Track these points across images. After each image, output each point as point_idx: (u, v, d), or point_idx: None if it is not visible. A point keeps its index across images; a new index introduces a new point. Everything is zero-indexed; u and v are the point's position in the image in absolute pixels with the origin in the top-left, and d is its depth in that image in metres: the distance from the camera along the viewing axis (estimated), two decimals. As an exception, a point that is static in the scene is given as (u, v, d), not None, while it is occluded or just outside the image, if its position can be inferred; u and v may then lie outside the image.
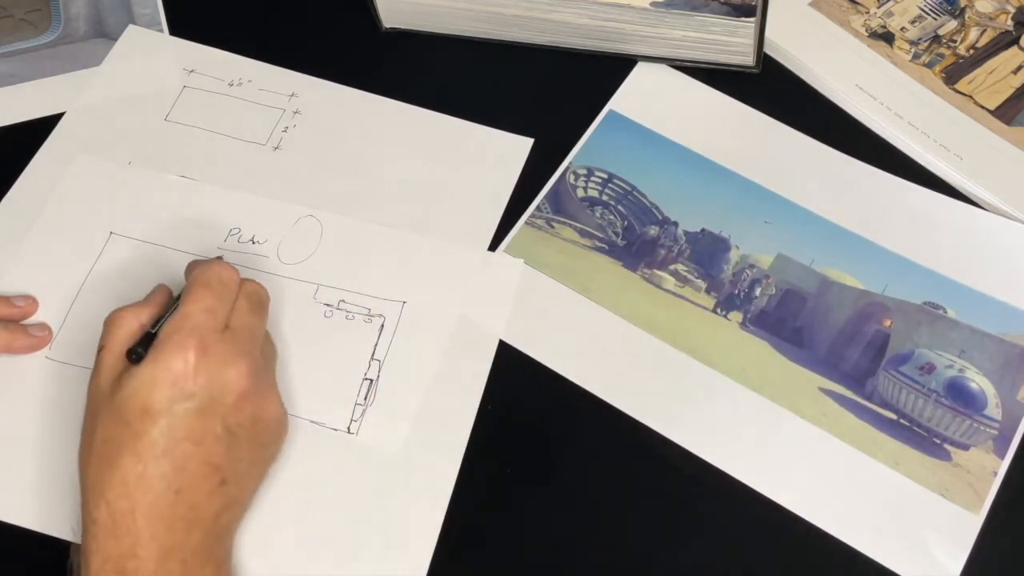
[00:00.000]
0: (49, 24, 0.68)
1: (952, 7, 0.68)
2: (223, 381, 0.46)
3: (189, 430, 0.45)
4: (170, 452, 0.45)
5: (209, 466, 0.46)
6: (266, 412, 0.49)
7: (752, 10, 0.59)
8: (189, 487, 0.45)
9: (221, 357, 0.47)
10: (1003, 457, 0.53)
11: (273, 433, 0.50)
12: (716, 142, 0.63)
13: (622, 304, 0.58)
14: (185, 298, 0.48)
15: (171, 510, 0.45)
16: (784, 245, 0.60)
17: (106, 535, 0.44)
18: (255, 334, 0.50)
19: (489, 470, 0.53)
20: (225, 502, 0.47)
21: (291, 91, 0.65)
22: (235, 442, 0.47)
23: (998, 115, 0.63)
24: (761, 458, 0.53)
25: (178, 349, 0.46)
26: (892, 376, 0.55)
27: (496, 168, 0.62)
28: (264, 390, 0.49)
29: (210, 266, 0.50)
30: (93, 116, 0.64)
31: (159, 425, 0.45)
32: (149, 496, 0.44)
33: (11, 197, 0.61)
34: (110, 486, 0.44)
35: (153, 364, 0.46)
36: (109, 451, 0.45)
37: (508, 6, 0.63)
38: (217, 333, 0.47)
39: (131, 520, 0.44)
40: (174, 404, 0.45)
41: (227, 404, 0.46)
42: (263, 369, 0.50)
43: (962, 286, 0.58)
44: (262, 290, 0.53)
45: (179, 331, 0.46)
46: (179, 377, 0.45)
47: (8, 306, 0.56)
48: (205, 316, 0.47)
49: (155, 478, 0.44)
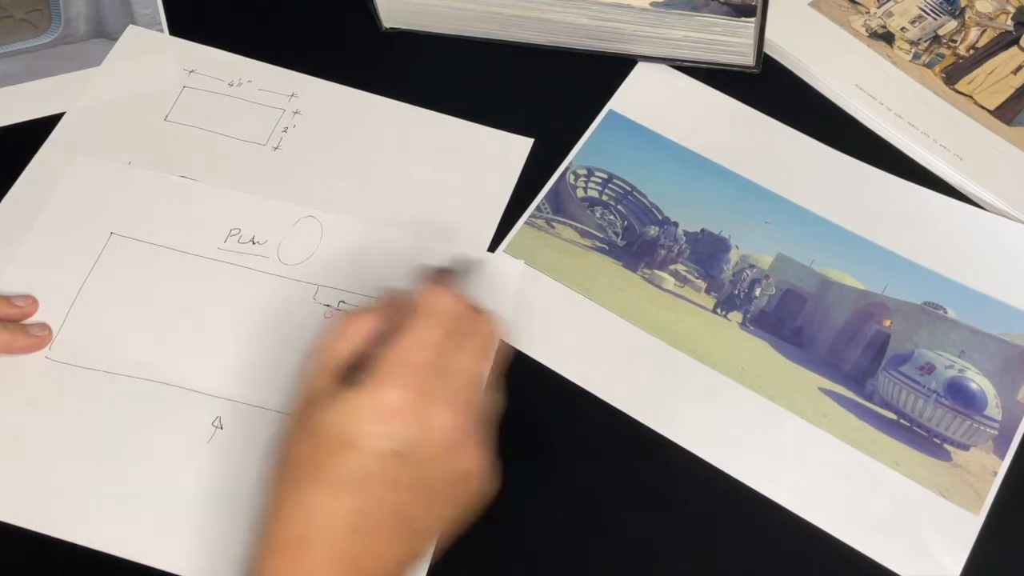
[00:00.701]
0: (49, 24, 0.68)
1: (952, 7, 0.68)
2: (430, 430, 0.43)
3: (385, 472, 0.42)
4: (358, 490, 0.42)
5: (398, 516, 0.42)
6: (467, 468, 0.45)
7: (752, 10, 0.59)
8: (375, 534, 0.42)
9: (434, 402, 0.43)
10: (1003, 457, 0.53)
11: (469, 492, 0.45)
12: (716, 142, 0.63)
13: (622, 304, 0.58)
14: (409, 327, 0.45)
15: (347, 551, 0.41)
16: (784, 245, 0.60)
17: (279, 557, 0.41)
18: (477, 380, 0.46)
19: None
20: (407, 550, 0.44)
21: (291, 91, 0.65)
22: (430, 494, 0.43)
23: (998, 115, 0.63)
24: (761, 458, 0.53)
25: (393, 383, 0.42)
26: (892, 376, 0.55)
27: (496, 168, 0.62)
28: (472, 445, 0.45)
29: (432, 295, 0.46)
30: (93, 116, 0.64)
31: (352, 460, 0.42)
32: (331, 532, 0.41)
33: (11, 197, 0.61)
34: (294, 509, 0.42)
35: (364, 393, 0.42)
36: (299, 473, 0.43)
37: (508, 6, 0.63)
38: (435, 373, 0.43)
39: (309, 550, 0.41)
40: (376, 440, 0.42)
41: (429, 452, 0.43)
42: (477, 421, 0.45)
43: (962, 286, 0.58)
44: (494, 329, 0.48)
45: (395, 364, 0.43)
46: (387, 412, 0.42)
47: (8, 306, 0.56)
48: (426, 351, 0.44)
49: (336, 514, 0.41)
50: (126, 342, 0.56)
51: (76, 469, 0.53)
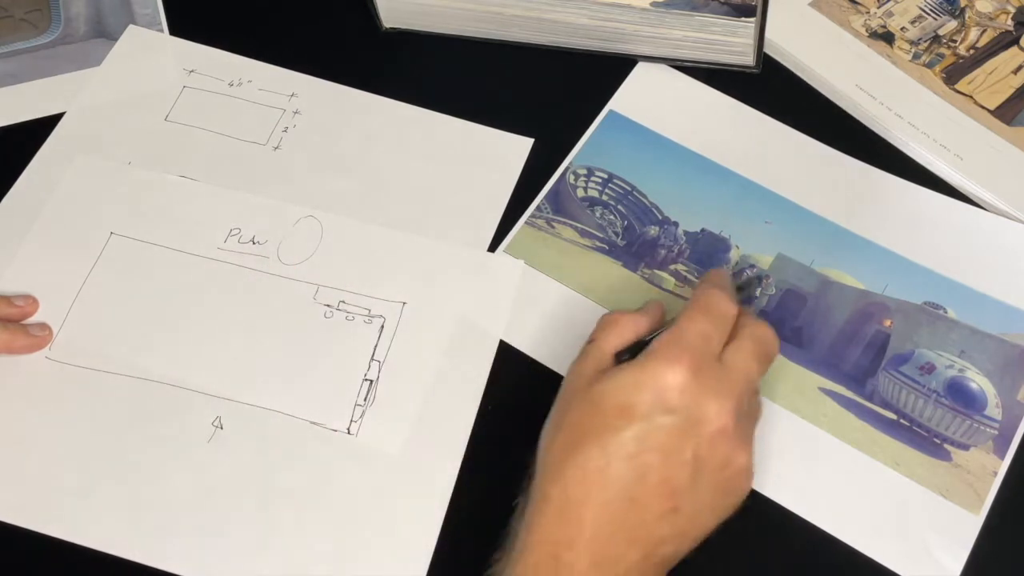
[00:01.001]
0: (49, 24, 0.68)
1: (952, 7, 0.68)
2: (705, 409, 0.44)
3: (660, 442, 0.43)
4: (636, 458, 0.43)
5: (668, 487, 0.43)
6: (737, 461, 0.45)
7: (752, 10, 0.59)
8: (644, 501, 0.43)
9: (710, 385, 0.44)
10: (1003, 457, 0.53)
11: (737, 485, 0.46)
12: (716, 142, 0.63)
13: (622, 304, 0.58)
14: (683, 316, 0.47)
15: (620, 516, 0.43)
16: (784, 245, 0.60)
17: (553, 515, 0.43)
18: (749, 379, 0.47)
19: (489, 470, 0.53)
20: (672, 532, 0.44)
21: (291, 91, 0.65)
22: (699, 475, 0.44)
23: (998, 115, 0.63)
24: (761, 458, 0.53)
25: (670, 362, 0.44)
26: (892, 376, 0.55)
27: (496, 168, 0.62)
28: (742, 439, 0.46)
29: (712, 293, 0.48)
30: (93, 116, 0.64)
31: (634, 427, 0.43)
32: (604, 494, 0.43)
33: (11, 197, 0.61)
34: (571, 468, 0.44)
35: (641, 368, 0.44)
36: (577, 435, 0.44)
37: (508, 6, 0.63)
38: (711, 360, 0.45)
39: (582, 509, 0.43)
40: (654, 412, 0.43)
41: (703, 434, 0.44)
42: (746, 417, 0.46)
43: (962, 286, 0.58)
44: (769, 336, 0.48)
45: (675, 345, 0.45)
46: (665, 389, 0.44)
47: (8, 306, 0.56)
48: (700, 339, 0.45)
49: (615, 477, 0.43)
50: (126, 342, 0.56)
51: (76, 469, 0.53)
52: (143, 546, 0.51)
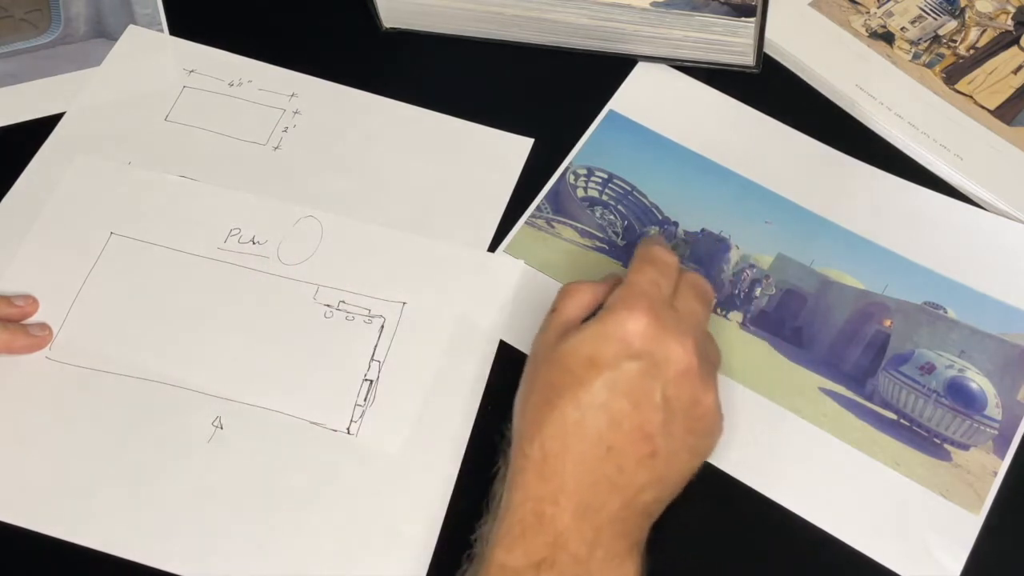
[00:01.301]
0: (49, 24, 0.68)
1: (952, 7, 0.68)
2: (668, 351, 0.45)
3: (630, 388, 0.45)
4: (608, 406, 0.44)
5: (642, 432, 0.45)
6: (705, 399, 0.47)
7: (752, 10, 0.59)
8: (620, 448, 0.45)
9: (668, 327, 0.46)
10: (1003, 457, 0.53)
11: (708, 425, 0.48)
12: (716, 142, 0.63)
13: (622, 304, 0.58)
14: (631, 271, 0.49)
15: (599, 464, 0.44)
16: (784, 245, 0.60)
17: (535, 473, 0.44)
18: (699, 320, 0.49)
19: (489, 470, 0.53)
20: (651, 477, 0.45)
21: (291, 91, 0.65)
22: (671, 417, 0.45)
23: (998, 115, 0.63)
24: (761, 458, 0.53)
25: (629, 310, 0.46)
26: (892, 376, 0.55)
27: (496, 168, 0.62)
28: (706, 378, 0.47)
29: (652, 246, 0.50)
30: (93, 116, 0.64)
31: (603, 377, 0.45)
32: (582, 445, 0.44)
33: (11, 197, 0.61)
34: (548, 425, 0.45)
35: (602, 321, 0.46)
36: (550, 393, 0.46)
37: (508, 6, 0.63)
38: (665, 305, 0.47)
39: (560, 463, 0.44)
40: (620, 360, 0.45)
41: (669, 375, 0.45)
42: (706, 357, 0.48)
43: (962, 286, 0.58)
44: (705, 282, 0.51)
45: (629, 296, 0.47)
46: (628, 335, 0.45)
47: (8, 306, 0.56)
48: (652, 287, 0.47)
49: (590, 427, 0.44)
50: (126, 342, 0.56)
51: (76, 469, 0.53)
52: (143, 546, 0.51)
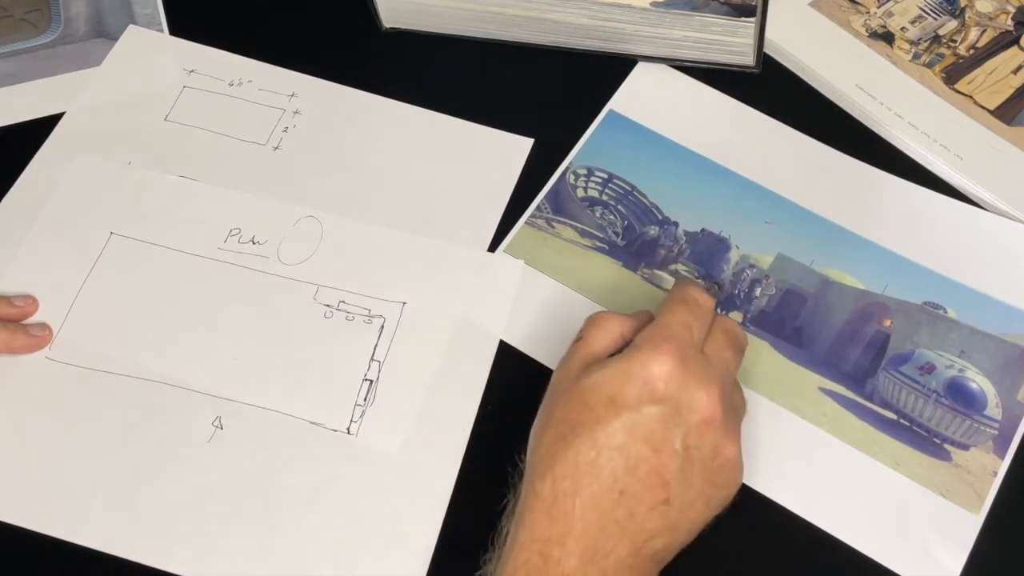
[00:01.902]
0: (49, 24, 0.68)
1: (952, 7, 0.68)
2: (692, 398, 0.44)
3: (649, 433, 0.43)
4: (625, 449, 0.43)
5: (659, 478, 0.43)
6: (726, 450, 0.45)
7: (752, 10, 0.59)
8: (633, 492, 0.43)
9: (695, 373, 0.45)
10: (1003, 457, 0.53)
11: (727, 476, 0.46)
12: (716, 142, 0.63)
13: (622, 304, 0.58)
14: (663, 311, 0.48)
15: (610, 508, 0.43)
16: (784, 245, 0.60)
17: (544, 512, 0.43)
18: (729, 368, 0.48)
19: (489, 470, 0.53)
20: (663, 524, 0.44)
21: (291, 91, 0.65)
22: (689, 465, 0.44)
23: (998, 115, 0.63)
24: (762, 458, 0.53)
25: (656, 351, 0.44)
26: (892, 376, 0.55)
27: (496, 168, 0.62)
28: (729, 427, 0.46)
29: (688, 286, 0.49)
30: (93, 116, 0.64)
31: (622, 418, 0.43)
32: (594, 486, 0.43)
33: (11, 197, 0.61)
34: (560, 463, 0.44)
35: (627, 360, 0.45)
36: (565, 430, 0.44)
37: (508, 6, 0.63)
38: (694, 350, 0.46)
39: (571, 504, 0.43)
40: (641, 403, 0.44)
41: (691, 423, 0.44)
42: (731, 408, 0.46)
43: (962, 286, 0.58)
44: (739, 330, 0.50)
45: (658, 337, 0.45)
46: (652, 378, 0.44)
47: (8, 306, 0.56)
48: (683, 329, 0.46)
49: (605, 469, 0.43)
50: (126, 342, 0.56)
51: (76, 469, 0.53)
52: (143, 546, 0.51)
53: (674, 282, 0.50)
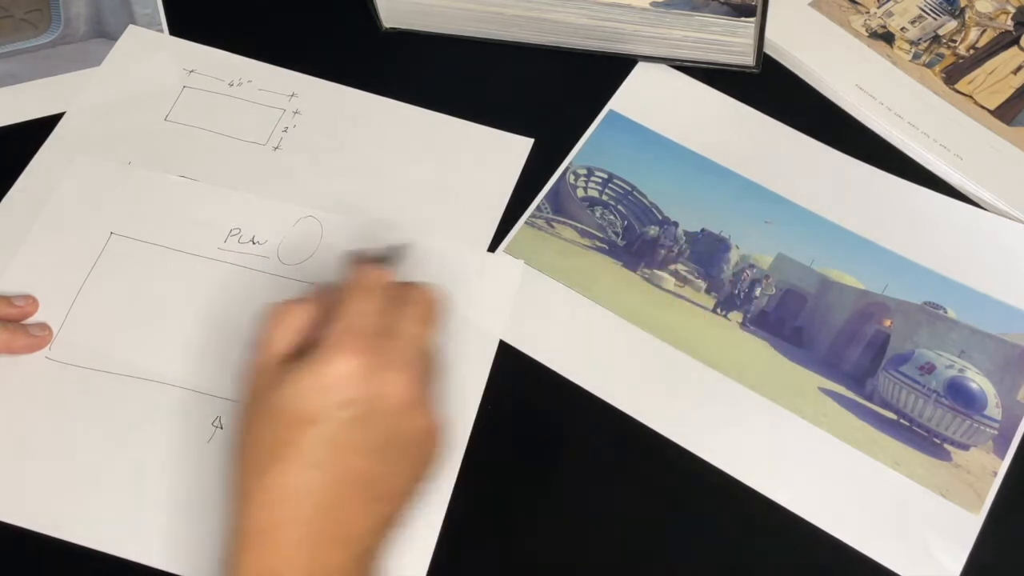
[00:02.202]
0: (49, 24, 0.68)
1: (952, 7, 0.68)
2: (385, 388, 0.43)
3: (347, 439, 0.42)
4: (322, 463, 0.42)
5: (364, 479, 0.42)
6: (427, 427, 0.45)
7: (752, 10, 0.59)
8: (342, 502, 0.42)
9: (383, 363, 0.43)
10: (1003, 457, 0.53)
11: (431, 451, 0.46)
12: (716, 142, 0.63)
13: (622, 304, 0.58)
14: (341, 299, 0.45)
15: (322, 526, 0.41)
16: (784, 245, 0.60)
17: (252, 546, 0.41)
18: (418, 342, 0.46)
19: (489, 470, 0.53)
20: (377, 520, 0.43)
21: (291, 91, 0.65)
22: (391, 456, 0.43)
23: (998, 115, 0.63)
24: (761, 458, 0.53)
25: (339, 351, 0.43)
26: (892, 376, 0.56)
27: (496, 168, 0.62)
28: (426, 404, 0.45)
29: (361, 267, 0.48)
30: (93, 116, 0.64)
31: (313, 433, 0.42)
32: (300, 511, 0.41)
33: (11, 197, 0.61)
34: (258, 493, 0.42)
35: (311, 368, 0.43)
36: (260, 457, 0.42)
37: (508, 6, 0.63)
38: (379, 337, 0.44)
39: (280, 535, 0.41)
40: (331, 411, 0.42)
41: (387, 413, 0.43)
42: (424, 381, 0.45)
43: (962, 286, 0.58)
44: (430, 297, 0.48)
45: (339, 332, 0.43)
46: (339, 381, 0.42)
47: (8, 306, 0.56)
48: (362, 318, 0.44)
49: (307, 491, 0.41)
50: (126, 342, 0.56)
51: (76, 469, 0.53)
52: (143, 546, 0.51)
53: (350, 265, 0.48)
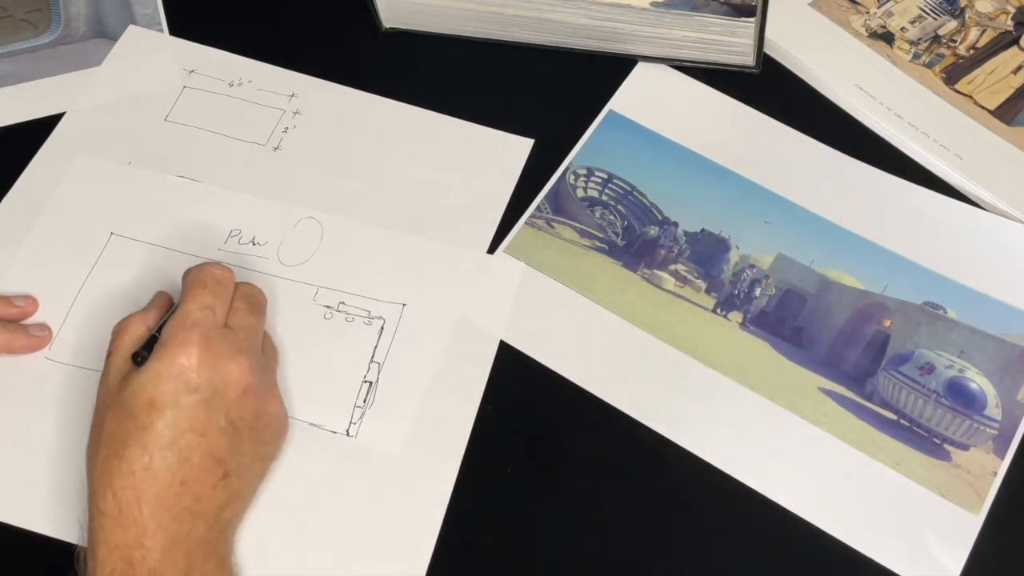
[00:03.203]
0: (49, 24, 0.68)
1: (952, 7, 0.68)
2: (226, 375, 0.47)
3: (194, 422, 0.46)
4: (175, 443, 0.46)
5: (213, 458, 0.46)
6: (268, 409, 0.50)
7: (752, 10, 0.59)
8: (193, 479, 0.46)
9: (223, 352, 0.48)
10: (1003, 457, 0.53)
11: (274, 430, 0.51)
12: (716, 142, 0.63)
13: (622, 304, 0.58)
14: (183, 298, 0.50)
15: (176, 500, 0.45)
16: (784, 245, 0.60)
17: (113, 525, 0.45)
18: (255, 333, 0.51)
19: (489, 470, 0.53)
20: (228, 496, 0.47)
21: (291, 91, 0.65)
22: (238, 436, 0.48)
23: (998, 115, 0.63)
24: (761, 458, 0.53)
25: (181, 345, 0.47)
26: (892, 376, 0.56)
27: (496, 169, 0.62)
28: (266, 388, 0.50)
29: (204, 267, 0.51)
30: (93, 116, 0.64)
31: (165, 417, 0.46)
32: (155, 487, 0.45)
33: (11, 197, 0.61)
34: (117, 476, 0.45)
35: (158, 360, 0.47)
36: (116, 444, 0.46)
37: (508, 6, 0.63)
38: (218, 330, 0.49)
39: (137, 510, 0.45)
40: (179, 397, 0.46)
41: (230, 398, 0.47)
42: (264, 368, 0.51)
43: (962, 286, 0.58)
44: (258, 292, 0.53)
45: (181, 328, 0.48)
46: (183, 371, 0.46)
47: (8, 306, 0.56)
48: (204, 314, 0.48)
49: (161, 469, 0.45)
50: (126, 342, 0.56)
51: (76, 469, 0.53)
52: (143, 546, 0.51)
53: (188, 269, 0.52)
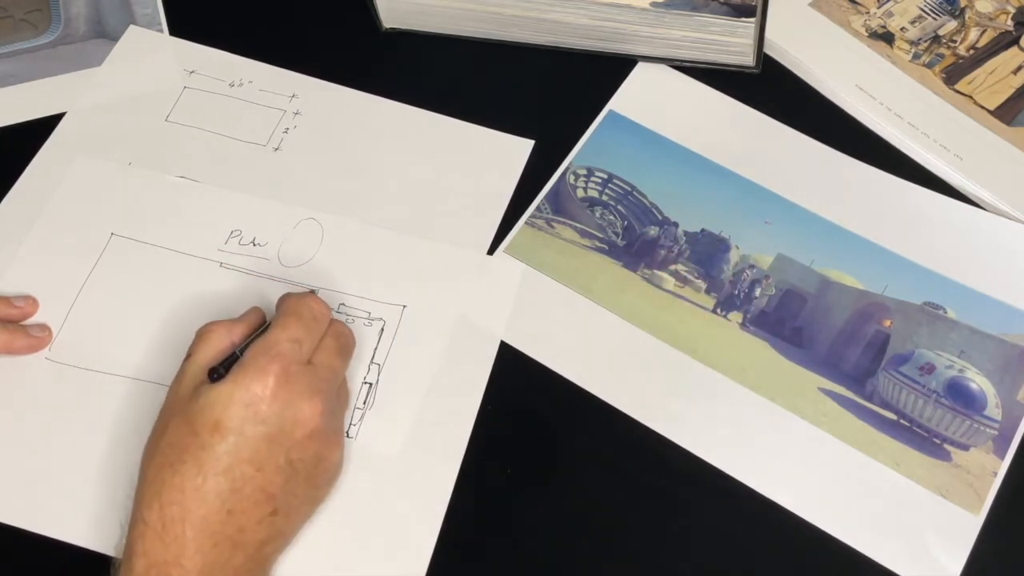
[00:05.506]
0: (49, 24, 0.68)
1: (952, 7, 0.68)
2: (296, 413, 0.46)
3: (254, 453, 0.45)
4: (231, 471, 0.45)
5: (264, 494, 0.46)
6: (329, 455, 0.49)
7: (752, 10, 0.59)
8: (241, 510, 0.45)
9: (299, 390, 0.47)
10: (1003, 457, 0.53)
11: (330, 476, 0.50)
12: (716, 142, 0.63)
13: (622, 304, 0.58)
14: (274, 325, 0.49)
15: (220, 528, 0.45)
16: (784, 245, 0.60)
17: (154, 538, 0.44)
18: (335, 375, 0.50)
19: (489, 471, 0.53)
20: (271, 533, 0.47)
21: (291, 92, 0.65)
22: (294, 476, 0.47)
23: (998, 115, 0.63)
24: (761, 458, 0.53)
25: (260, 372, 0.46)
26: (892, 376, 0.56)
27: (496, 170, 0.62)
28: (332, 432, 0.49)
29: (305, 299, 0.50)
30: (93, 116, 0.64)
31: (227, 442, 0.45)
32: (202, 510, 0.44)
33: (11, 197, 0.61)
34: (167, 490, 0.45)
35: (233, 382, 0.46)
36: (172, 456, 0.45)
37: (508, 6, 0.63)
38: (300, 365, 0.48)
39: (180, 529, 0.44)
40: (245, 425, 0.45)
41: (295, 437, 0.47)
42: (334, 412, 0.49)
43: (962, 286, 0.58)
44: (350, 333, 0.52)
45: (264, 355, 0.47)
46: (255, 400, 0.46)
47: (8, 306, 0.56)
48: (291, 346, 0.48)
49: (211, 493, 0.45)
50: (126, 343, 0.56)
51: (76, 469, 0.53)
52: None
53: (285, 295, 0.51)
